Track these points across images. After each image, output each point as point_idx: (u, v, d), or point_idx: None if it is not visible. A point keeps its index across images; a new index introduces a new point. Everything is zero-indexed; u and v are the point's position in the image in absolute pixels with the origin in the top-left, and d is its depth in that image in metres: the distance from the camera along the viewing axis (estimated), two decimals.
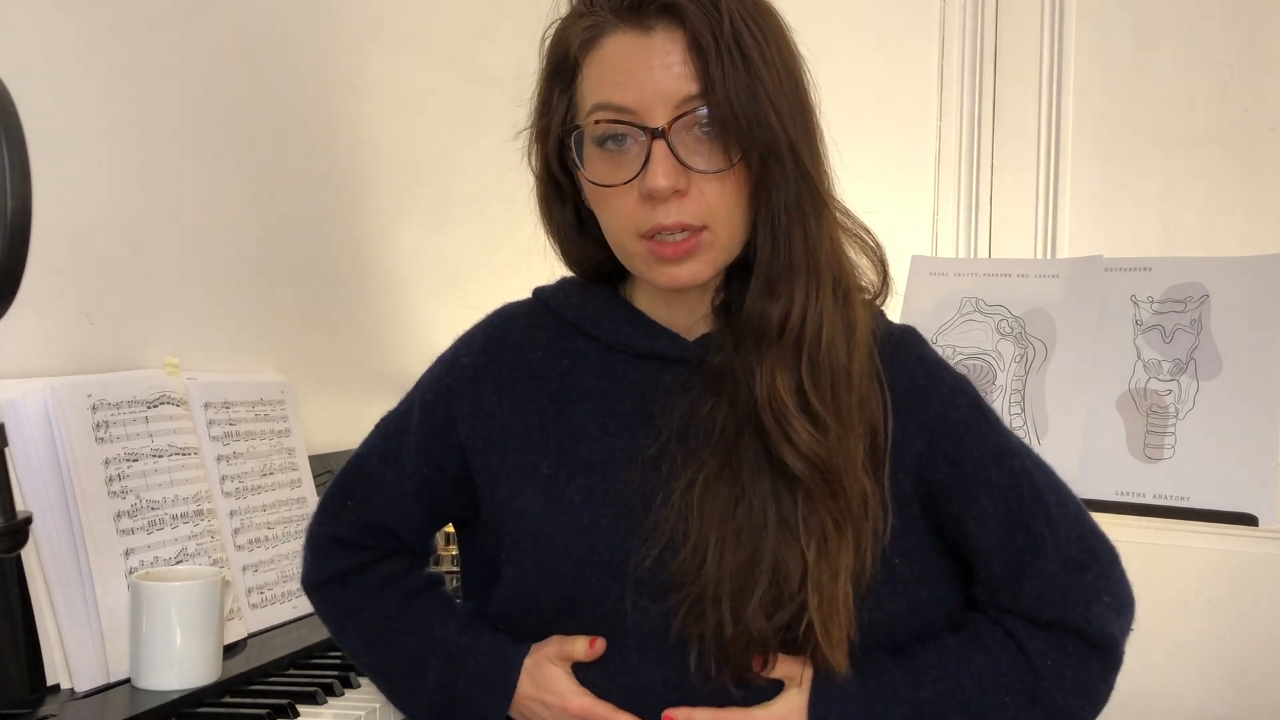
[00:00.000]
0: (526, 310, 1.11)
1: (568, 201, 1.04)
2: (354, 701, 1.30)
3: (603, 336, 1.05)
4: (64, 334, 1.46)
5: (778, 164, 0.94)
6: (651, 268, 0.97)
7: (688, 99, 0.92)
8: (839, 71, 2.51)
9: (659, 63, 0.92)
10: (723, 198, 0.95)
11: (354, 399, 1.97)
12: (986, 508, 0.98)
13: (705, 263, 0.97)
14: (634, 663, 0.99)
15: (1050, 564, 0.98)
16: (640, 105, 0.93)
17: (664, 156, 0.92)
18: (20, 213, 0.78)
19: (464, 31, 2.29)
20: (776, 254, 0.96)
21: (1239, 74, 2.35)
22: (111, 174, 1.55)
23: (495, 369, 1.08)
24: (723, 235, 0.96)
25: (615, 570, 0.98)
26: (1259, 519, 1.68)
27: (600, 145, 0.96)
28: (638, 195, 0.94)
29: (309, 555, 1.17)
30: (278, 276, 1.85)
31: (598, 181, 0.96)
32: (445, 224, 2.23)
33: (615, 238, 0.99)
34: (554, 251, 1.09)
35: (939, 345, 1.99)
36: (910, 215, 2.62)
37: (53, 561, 1.27)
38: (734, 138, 0.93)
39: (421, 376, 1.13)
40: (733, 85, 0.91)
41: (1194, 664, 2.38)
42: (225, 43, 1.74)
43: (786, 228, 0.95)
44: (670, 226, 0.93)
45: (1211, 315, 1.82)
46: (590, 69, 0.96)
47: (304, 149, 1.91)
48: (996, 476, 0.99)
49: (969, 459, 0.99)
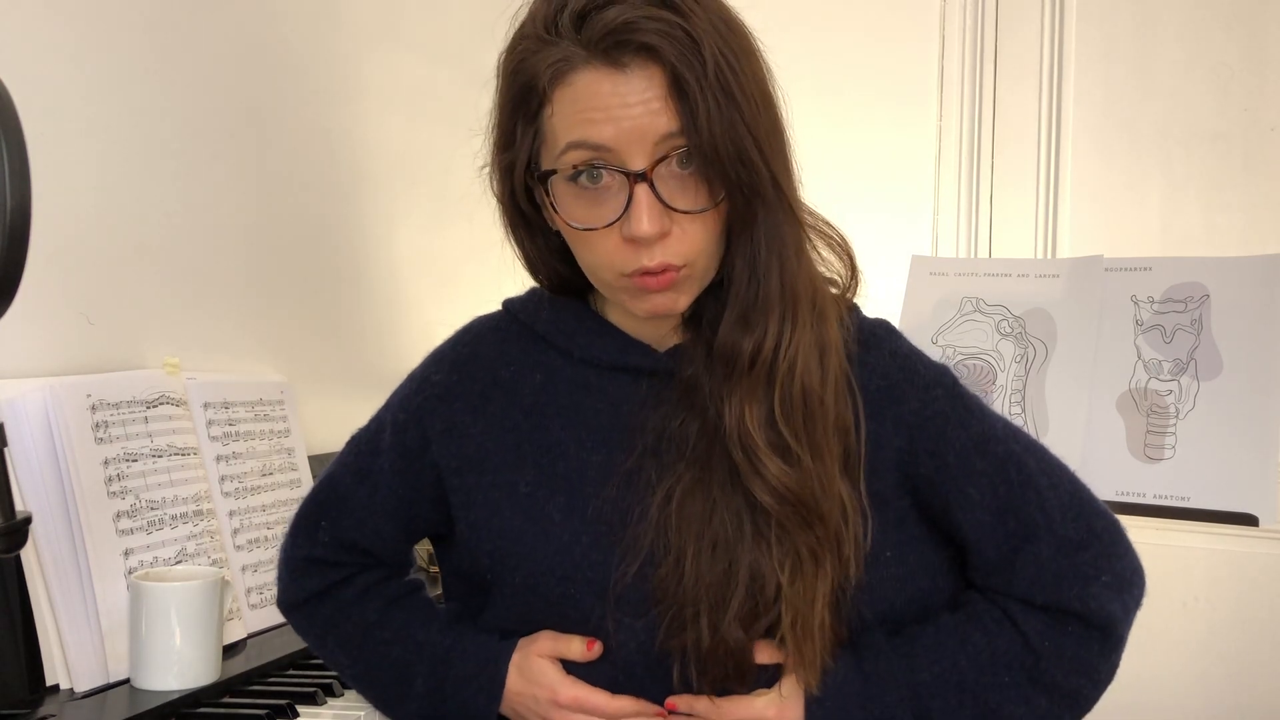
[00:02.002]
0: (496, 324, 1.10)
1: (535, 231, 1.03)
2: (353, 702, 1.30)
3: (574, 350, 1.04)
4: (64, 334, 1.46)
5: (760, 200, 0.93)
6: (635, 299, 0.96)
7: (667, 136, 0.90)
8: (839, 71, 2.53)
9: (636, 100, 0.89)
10: (705, 235, 0.94)
11: (354, 399, 1.97)
12: (974, 497, 0.98)
13: (685, 293, 0.96)
14: (619, 679, 0.99)
15: (1045, 548, 0.98)
16: (618, 144, 0.90)
17: (648, 201, 0.90)
18: (20, 213, 0.78)
19: (464, 31, 2.29)
20: (752, 286, 0.95)
21: (1239, 74, 2.35)
22: (111, 174, 1.55)
23: (467, 386, 1.07)
24: (700, 269, 0.96)
25: (597, 587, 0.98)
26: (1259, 519, 1.68)
27: (574, 181, 0.93)
28: (619, 237, 0.92)
29: (284, 576, 1.15)
30: (277, 276, 1.85)
31: (577, 225, 0.94)
32: (444, 224, 2.23)
33: (596, 274, 0.98)
34: (521, 265, 1.08)
35: (939, 345, 1.99)
36: (910, 215, 2.62)
37: (52, 561, 1.27)
38: (717, 176, 0.91)
39: (391, 395, 1.11)
40: (716, 124, 0.88)
41: (1194, 664, 2.38)
42: (225, 43, 1.74)
43: (765, 261, 0.94)
44: (654, 269, 0.92)
45: (1212, 315, 1.82)
46: (561, 105, 0.92)
47: (304, 149, 1.91)
48: (981, 465, 0.99)
49: (951, 450, 0.99)
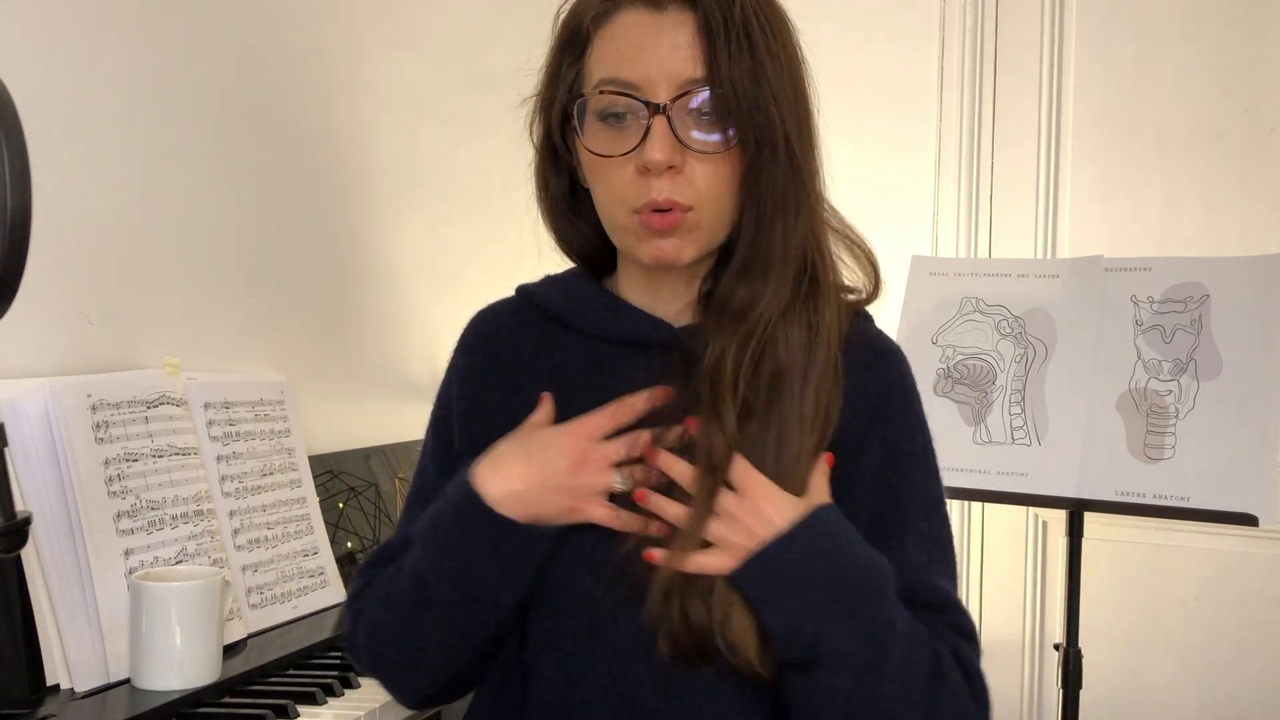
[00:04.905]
0: (512, 307, 1.12)
1: (563, 174, 1.06)
2: (354, 702, 1.30)
3: (587, 327, 1.05)
4: (64, 334, 1.46)
5: (771, 153, 0.96)
6: (640, 239, 0.99)
7: (691, 80, 0.95)
8: (840, 71, 2.52)
9: (668, 42, 0.95)
10: (714, 181, 0.97)
11: (354, 399, 1.98)
12: (909, 552, 1.01)
13: (690, 242, 0.98)
14: (611, 651, 0.99)
15: (945, 624, 1.00)
16: (645, 81, 0.95)
17: (663, 131, 0.95)
18: (20, 213, 0.78)
19: (464, 31, 2.29)
20: (758, 240, 0.98)
21: (1239, 74, 2.35)
22: (111, 174, 1.55)
23: (491, 366, 1.08)
24: (709, 218, 0.98)
25: (596, 567, 0.98)
26: (1259, 519, 1.68)
27: (602, 119, 0.98)
28: (634, 169, 0.96)
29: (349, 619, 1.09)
30: (278, 276, 1.85)
31: (597, 151, 0.98)
32: (445, 224, 2.23)
33: (607, 211, 1.01)
34: (545, 228, 1.10)
35: (939, 345, 1.99)
36: (910, 215, 2.62)
37: (53, 561, 1.27)
38: (732, 121, 0.95)
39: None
40: (736, 70, 0.94)
41: (1194, 663, 2.38)
42: (225, 43, 1.74)
43: (771, 216, 0.98)
44: (662, 203, 0.96)
45: (1211, 315, 1.82)
46: (600, 43, 0.99)
47: (304, 149, 1.91)
48: (925, 526, 1.02)
49: (908, 496, 1.02)
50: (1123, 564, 2.43)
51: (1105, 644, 2.38)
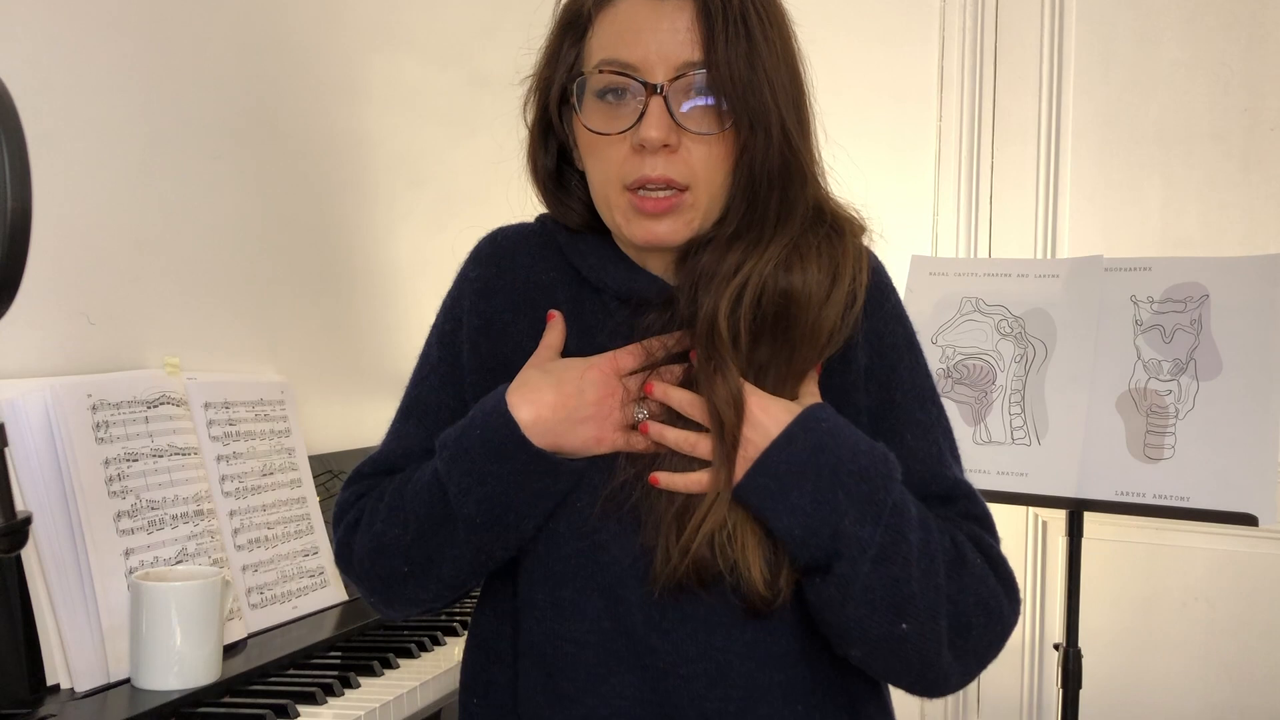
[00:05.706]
0: (532, 231, 1.13)
1: (552, 154, 1.08)
2: (354, 701, 1.30)
3: (588, 273, 1.07)
4: (64, 334, 1.46)
5: (765, 137, 0.98)
6: (631, 220, 1.00)
7: (688, 63, 0.97)
8: (840, 71, 2.52)
9: (667, 26, 0.98)
10: (708, 162, 0.98)
11: (354, 399, 1.98)
12: (910, 444, 1.02)
13: (683, 223, 1.00)
14: (605, 580, 0.99)
15: (957, 511, 1.03)
16: (644, 63, 0.97)
17: (659, 110, 0.97)
18: (20, 213, 0.78)
19: (464, 31, 2.29)
20: (750, 213, 1.00)
21: (1239, 74, 2.35)
22: (111, 174, 1.55)
23: (506, 282, 1.09)
24: (703, 199, 1.00)
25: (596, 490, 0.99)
26: (1259, 519, 1.68)
27: (600, 98, 1.00)
28: (629, 147, 0.98)
29: (336, 526, 1.10)
30: (278, 276, 1.85)
31: (594, 129, 1.00)
32: (445, 224, 2.23)
33: (600, 189, 1.02)
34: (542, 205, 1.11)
35: (939, 345, 1.99)
36: (910, 215, 2.62)
37: (53, 561, 1.27)
38: (727, 104, 0.97)
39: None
40: (733, 54, 0.96)
41: (1194, 663, 2.38)
42: (225, 43, 1.74)
43: (765, 195, 0.99)
44: (656, 180, 0.97)
45: (1211, 315, 1.82)
46: (601, 25, 1.01)
47: (304, 149, 1.91)
48: (922, 416, 1.04)
49: (899, 389, 1.04)
50: (1122, 564, 2.43)
51: (1105, 644, 2.38)
